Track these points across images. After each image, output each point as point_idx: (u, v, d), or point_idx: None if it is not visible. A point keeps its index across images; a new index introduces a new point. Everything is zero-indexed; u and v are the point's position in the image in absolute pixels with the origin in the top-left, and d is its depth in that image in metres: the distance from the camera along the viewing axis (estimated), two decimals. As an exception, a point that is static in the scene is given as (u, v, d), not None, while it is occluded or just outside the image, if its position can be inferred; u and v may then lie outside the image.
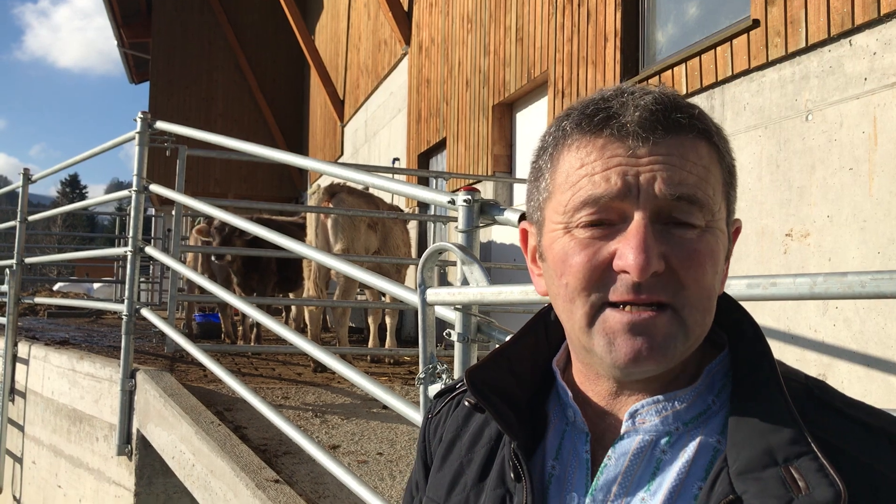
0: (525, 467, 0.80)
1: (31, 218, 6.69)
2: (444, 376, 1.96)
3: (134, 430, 4.26)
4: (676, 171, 0.73)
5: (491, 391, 0.85)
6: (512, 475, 0.82)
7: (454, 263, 5.49)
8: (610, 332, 0.73)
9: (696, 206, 0.73)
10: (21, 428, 6.00)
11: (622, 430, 0.78)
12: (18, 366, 6.13)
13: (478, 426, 0.90)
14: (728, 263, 0.82)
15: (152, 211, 17.49)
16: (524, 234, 0.88)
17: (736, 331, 0.81)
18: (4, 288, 6.40)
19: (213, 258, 6.15)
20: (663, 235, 0.72)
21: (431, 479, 0.94)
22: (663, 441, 0.76)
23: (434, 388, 1.95)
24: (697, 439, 0.75)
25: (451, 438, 0.93)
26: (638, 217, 0.72)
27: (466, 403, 0.90)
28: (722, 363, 0.80)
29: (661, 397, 0.77)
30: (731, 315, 0.82)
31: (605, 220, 0.74)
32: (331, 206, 5.54)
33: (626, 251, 0.71)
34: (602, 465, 0.78)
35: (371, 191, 6.36)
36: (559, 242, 0.77)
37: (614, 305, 0.73)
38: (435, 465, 0.94)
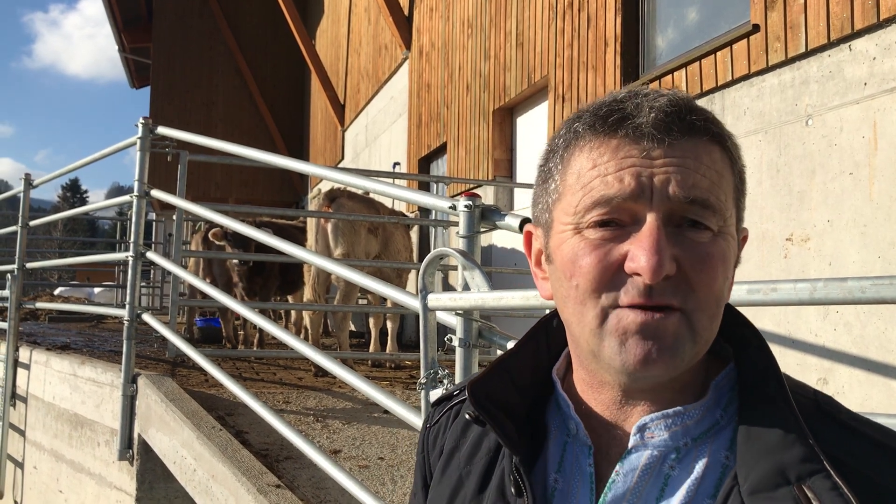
0: (527, 482, 0.78)
1: (32, 223, 6.70)
2: (445, 381, 1.97)
3: (135, 435, 4.26)
4: (690, 174, 0.71)
5: (493, 405, 0.83)
6: (513, 489, 0.79)
7: (456, 267, 5.49)
8: (622, 333, 0.71)
9: (708, 211, 0.72)
10: (22, 433, 5.99)
11: (630, 445, 0.75)
12: (20, 371, 6.13)
13: (476, 437, 0.88)
14: (734, 271, 0.80)
15: (153, 216, 17.47)
16: (528, 238, 0.86)
17: (741, 343, 0.79)
18: (6, 293, 6.40)
19: (237, 265, 6.20)
20: (675, 238, 0.71)
21: (431, 492, 0.91)
22: (672, 457, 0.74)
23: (435, 394, 1.96)
24: (706, 455, 0.74)
25: (450, 450, 0.91)
26: (651, 218, 0.71)
27: (467, 416, 0.87)
28: (728, 377, 0.78)
29: (670, 411, 0.75)
30: (736, 327, 0.80)
31: (617, 220, 0.73)
32: (331, 210, 5.54)
33: (639, 253, 0.70)
34: (610, 480, 0.75)
35: (372, 195, 6.36)
36: (569, 243, 0.75)
37: (625, 308, 0.72)
38: (435, 478, 0.92)
